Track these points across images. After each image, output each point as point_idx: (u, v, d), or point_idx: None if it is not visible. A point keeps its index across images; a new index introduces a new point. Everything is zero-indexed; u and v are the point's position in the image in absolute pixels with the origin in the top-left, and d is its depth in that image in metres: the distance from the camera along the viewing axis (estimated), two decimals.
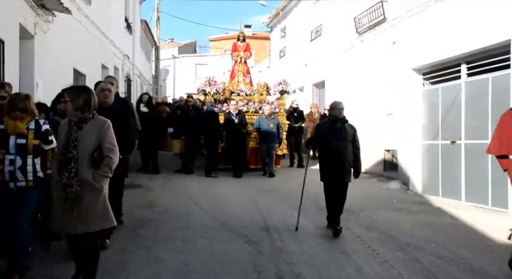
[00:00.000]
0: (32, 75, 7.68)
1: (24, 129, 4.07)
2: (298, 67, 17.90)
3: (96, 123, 3.90)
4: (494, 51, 7.62)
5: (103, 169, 3.81)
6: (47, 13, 8.07)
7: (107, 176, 3.86)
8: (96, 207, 3.83)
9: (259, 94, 12.77)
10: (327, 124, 6.33)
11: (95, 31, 11.81)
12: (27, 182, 4.09)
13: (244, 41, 13.54)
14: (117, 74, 15.16)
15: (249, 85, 13.07)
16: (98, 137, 3.85)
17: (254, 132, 11.59)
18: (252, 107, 12.28)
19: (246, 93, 12.68)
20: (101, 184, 3.83)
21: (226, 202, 8.06)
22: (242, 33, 14.10)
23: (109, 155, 3.85)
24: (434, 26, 8.93)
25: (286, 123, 12.63)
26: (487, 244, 5.70)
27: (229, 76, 13.73)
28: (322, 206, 7.68)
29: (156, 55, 27.21)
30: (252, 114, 12.09)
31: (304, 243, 5.60)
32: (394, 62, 10.51)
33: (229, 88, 12.69)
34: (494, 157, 7.52)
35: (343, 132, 6.11)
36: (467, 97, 8.24)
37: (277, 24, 22.43)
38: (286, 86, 12.79)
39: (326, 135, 6.13)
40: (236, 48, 13.47)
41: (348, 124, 6.21)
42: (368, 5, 11.86)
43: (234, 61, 13.51)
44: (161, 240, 5.56)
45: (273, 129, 11.22)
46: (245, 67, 13.39)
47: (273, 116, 11.42)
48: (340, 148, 6.03)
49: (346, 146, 6.09)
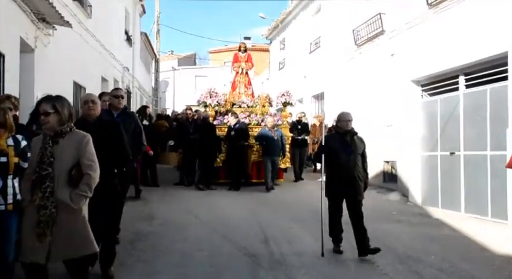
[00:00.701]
0: (32, 88, 7.71)
1: (5, 146, 3.56)
2: (298, 79, 17.97)
3: (74, 137, 3.59)
4: (492, 63, 7.66)
5: (82, 188, 3.49)
6: (47, 27, 8.13)
7: (86, 196, 3.52)
8: (74, 231, 3.49)
9: (262, 106, 12.43)
10: (335, 137, 5.89)
11: (95, 44, 11.88)
12: (6, 206, 3.55)
13: (245, 52, 13.24)
14: (116, 86, 15.20)
15: (251, 97, 12.72)
16: (76, 153, 3.53)
17: (256, 145, 11.19)
18: (254, 119, 11.86)
19: (248, 104, 12.30)
20: (79, 205, 3.49)
21: (226, 214, 8.03)
22: (243, 43, 13.70)
23: (88, 172, 3.53)
24: (432, 38, 8.99)
25: (290, 135, 12.19)
26: (486, 256, 5.68)
27: (230, 87, 13.41)
28: (319, 217, 7.68)
29: (155, 68, 27.31)
30: (254, 126, 11.64)
31: (303, 255, 5.58)
32: (393, 74, 10.55)
33: (231, 100, 12.40)
34: (494, 168, 7.56)
35: (353, 145, 5.69)
36: (466, 108, 8.27)
37: (276, 36, 22.59)
38: (289, 97, 12.32)
39: (335, 149, 5.66)
40: (237, 58, 13.14)
41: (357, 137, 5.81)
42: (366, 17, 11.94)
43: (235, 72, 13.12)
44: (159, 253, 5.53)
45: (276, 141, 10.78)
46: (247, 79, 13.03)
47: (276, 128, 11.03)
48: (350, 163, 5.59)
49: (357, 160, 5.66)
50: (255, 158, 11.34)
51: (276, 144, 10.74)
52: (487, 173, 7.67)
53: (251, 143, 11.09)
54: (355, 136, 5.78)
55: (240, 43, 13.79)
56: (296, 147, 12.41)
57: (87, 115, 4.47)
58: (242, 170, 10.95)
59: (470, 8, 7.94)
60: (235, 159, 10.72)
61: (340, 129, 5.82)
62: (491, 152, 7.62)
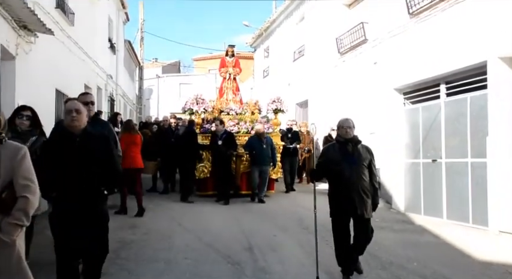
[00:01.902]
0: (13, 96, 7.60)
1: None
2: (282, 87, 18.05)
3: (5, 150, 2.89)
4: (472, 72, 7.81)
5: (15, 215, 2.82)
6: (29, 34, 8.04)
7: (21, 225, 2.85)
8: (7, 270, 2.82)
9: (251, 113, 11.70)
10: (335, 147, 5.12)
11: (78, 51, 11.80)
12: None
13: (233, 56, 12.57)
14: (100, 94, 15.09)
15: (239, 104, 12.01)
16: (8, 170, 2.85)
17: (246, 155, 10.51)
18: (243, 127, 11.16)
19: (237, 111, 11.60)
20: (12, 236, 2.80)
21: (210, 222, 8.00)
22: (231, 47, 12.85)
23: (24, 195, 2.86)
24: (414, 47, 9.13)
25: (281, 144, 11.56)
26: (467, 262, 5.75)
27: (217, 94, 12.63)
28: (305, 225, 7.71)
29: (139, 75, 27.20)
30: (244, 135, 10.97)
31: (287, 263, 5.58)
32: (376, 82, 10.67)
33: (218, 107, 11.71)
34: (474, 175, 7.67)
35: (356, 155, 4.99)
36: (447, 116, 8.39)
37: (260, 44, 22.70)
38: (280, 104, 11.60)
39: (335, 161, 4.97)
40: (224, 63, 12.42)
41: (361, 146, 5.11)
42: (349, 26, 12.08)
43: (223, 77, 12.39)
44: (143, 262, 5.48)
45: (266, 150, 10.15)
46: (234, 84, 12.33)
47: (265, 136, 10.34)
48: (354, 176, 4.89)
49: (361, 173, 4.95)
50: (244, 168, 10.68)
51: (265, 153, 10.17)
52: (468, 181, 7.79)
53: (240, 152, 10.47)
54: (359, 145, 5.08)
55: (228, 47, 12.93)
56: (287, 156, 11.83)
57: (70, 126, 3.82)
58: (230, 181, 10.28)
59: (451, 18, 8.11)
60: (222, 170, 10.06)
61: (340, 138, 5.12)
62: (472, 160, 7.74)
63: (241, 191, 10.70)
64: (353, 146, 5.02)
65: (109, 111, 16.84)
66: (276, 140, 11.06)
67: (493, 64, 7.17)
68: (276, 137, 11.37)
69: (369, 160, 5.06)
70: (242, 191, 10.71)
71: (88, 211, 3.76)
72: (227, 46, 12.94)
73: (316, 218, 5.07)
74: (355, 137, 5.11)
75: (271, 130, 11.28)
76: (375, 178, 5.12)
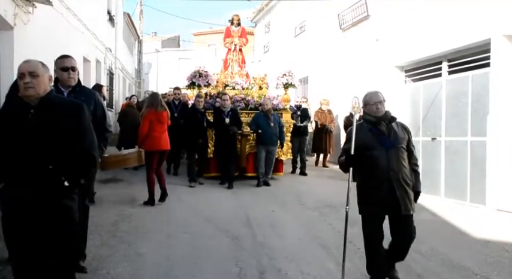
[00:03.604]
0: (11, 66, 7.53)
1: None
2: (282, 63, 17.91)
3: None
4: (475, 50, 7.73)
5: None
6: (27, 4, 7.91)
7: None
8: None
9: (258, 88, 10.70)
10: (363, 128, 4.08)
11: (77, 23, 11.63)
12: None
13: (239, 25, 11.43)
14: (99, 67, 14.97)
15: (246, 77, 10.97)
16: None
17: (252, 134, 9.63)
18: (251, 103, 10.14)
19: (243, 86, 10.56)
20: None
21: (210, 197, 8.04)
22: (237, 15, 11.61)
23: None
24: (416, 24, 9.02)
25: (292, 122, 10.54)
26: (464, 240, 5.80)
27: (222, 66, 11.51)
28: (303, 201, 7.76)
29: (139, 49, 26.95)
30: (251, 112, 9.97)
31: (285, 238, 5.62)
32: (377, 59, 10.57)
33: (223, 81, 10.67)
34: (474, 154, 7.68)
35: (392, 136, 4.02)
36: (448, 94, 8.35)
37: (261, 20, 22.44)
38: (291, 78, 10.54)
39: (367, 146, 3.98)
40: (230, 33, 11.29)
41: (396, 123, 4.13)
42: (351, 1, 11.91)
43: (228, 49, 11.36)
44: (142, 235, 5.53)
45: (273, 128, 9.26)
46: (240, 56, 11.25)
47: (272, 113, 9.42)
48: (392, 163, 3.93)
49: (401, 157, 3.98)
50: (250, 148, 9.82)
51: (272, 131, 9.26)
52: (467, 159, 7.80)
53: (245, 131, 9.59)
54: (394, 123, 4.11)
55: (233, 15, 11.63)
56: (296, 136, 10.84)
57: (25, 96, 2.89)
58: (233, 163, 9.36)
59: None
60: (227, 150, 9.20)
61: (369, 116, 4.12)
62: (471, 139, 7.73)
63: (247, 173, 9.87)
64: (387, 125, 4.06)
65: (108, 84, 16.73)
66: (286, 118, 10.30)
67: (497, 42, 7.09)
68: (287, 114, 10.49)
69: (406, 140, 4.10)
70: (248, 173, 9.86)
71: (43, 204, 2.80)
72: (233, 15, 11.71)
73: (348, 217, 4.15)
74: (387, 113, 4.11)
75: (281, 107, 10.37)
76: (415, 160, 4.20)
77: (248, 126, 9.57)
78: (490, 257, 5.04)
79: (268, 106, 9.34)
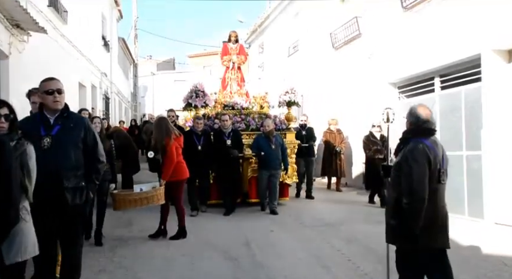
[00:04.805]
0: (7, 95, 7.58)
1: None
2: (277, 82, 18.04)
3: None
4: (466, 65, 7.84)
5: None
6: (21, 33, 8.02)
7: None
8: None
9: (259, 108, 10.06)
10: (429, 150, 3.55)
11: (72, 50, 11.76)
12: None
13: (236, 42, 10.69)
14: (94, 92, 15.08)
15: (245, 97, 10.26)
16: None
17: (254, 158, 8.94)
18: (251, 124, 9.46)
19: (243, 106, 9.90)
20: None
21: (208, 221, 8.01)
22: (234, 32, 10.88)
23: None
24: (408, 41, 9.15)
25: (296, 143, 9.72)
26: (463, 254, 5.75)
27: (220, 86, 10.80)
28: (302, 220, 7.74)
29: (134, 73, 27.14)
30: (252, 133, 9.31)
31: (284, 258, 5.59)
32: (371, 76, 10.68)
33: (221, 101, 10.01)
34: (470, 168, 7.71)
35: (445, 158, 3.57)
36: (442, 109, 8.41)
37: (255, 40, 22.69)
38: (294, 96, 9.83)
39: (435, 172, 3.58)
40: (227, 50, 10.56)
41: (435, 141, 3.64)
42: (343, 20, 12.08)
43: (226, 67, 10.58)
44: (140, 259, 5.49)
45: (275, 151, 8.55)
46: (239, 75, 10.52)
47: (274, 135, 8.70)
48: (443, 193, 3.57)
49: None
50: (252, 173, 9.11)
51: (275, 155, 8.55)
52: (463, 173, 7.82)
53: (247, 154, 8.91)
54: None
55: (231, 32, 10.87)
56: (301, 157, 10.12)
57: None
58: (235, 188, 8.69)
59: (444, 11, 8.11)
60: (230, 175, 8.54)
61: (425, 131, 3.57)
62: (467, 152, 7.77)
63: (250, 199, 9.20)
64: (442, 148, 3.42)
65: (104, 109, 16.80)
66: (290, 139, 9.61)
67: (487, 57, 7.19)
68: (291, 135, 9.74)
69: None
70: (251, 199, 9.18)
71: None
72: (230, 31, 10.93)
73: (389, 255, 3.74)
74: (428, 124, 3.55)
75: (284, 127, 9.71)
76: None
77: (250, 149, 8.89)
78: (489, 271, 5.02)
79: (269, 128, 8.64)
